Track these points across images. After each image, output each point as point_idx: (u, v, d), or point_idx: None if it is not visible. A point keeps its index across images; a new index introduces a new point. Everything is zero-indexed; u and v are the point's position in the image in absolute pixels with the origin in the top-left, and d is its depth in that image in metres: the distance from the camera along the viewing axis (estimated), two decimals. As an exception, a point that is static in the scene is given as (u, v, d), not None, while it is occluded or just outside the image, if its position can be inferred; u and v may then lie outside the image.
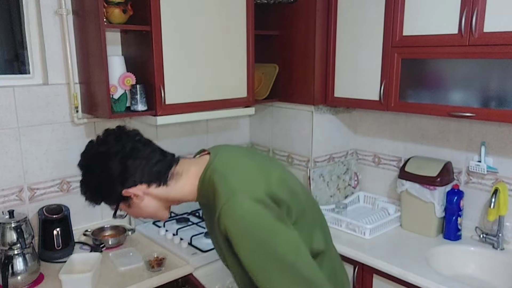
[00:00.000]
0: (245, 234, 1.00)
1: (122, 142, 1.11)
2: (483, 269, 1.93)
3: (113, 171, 1.09)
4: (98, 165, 1.11)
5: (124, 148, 1.10)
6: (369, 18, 2.03)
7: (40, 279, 1.70)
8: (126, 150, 1.10)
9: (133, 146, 1.12)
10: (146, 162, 1.12)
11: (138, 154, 1.11)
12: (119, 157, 1.09)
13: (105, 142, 1.12)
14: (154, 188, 1.13)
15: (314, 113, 2.31)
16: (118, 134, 1.14)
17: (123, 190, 1.11)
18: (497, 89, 1.68)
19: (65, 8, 1.88)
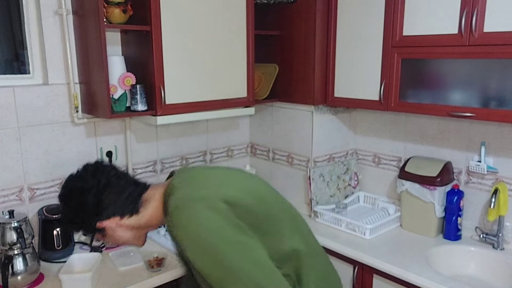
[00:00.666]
0: (193, 238, 1.01)
1: (97, 177, 1.17)
2: (483, 269, 1.93)
3: (87, 205, 1.16)
4: (74, 199, 1.18)
5: (99, 183, 1.16)
6: (369, 18, 2.03)
7: (40, 279, 1.70)
8: (100, 185, 1.16)
9: (107, 181, 1.17)
10: (119, 196, 1.18)
11: (111, 189, 1.17)
12: (93, 192, 1.15)
13: (82, 177, 1.19)
14: (127, 219, 1.19)
15: (314, 113, 2.31)
16: (94, 169, 1.20)
17: (97, 223, 1.18)
18: (497, 89, 1.68)
19: (65, 8, 1.88)
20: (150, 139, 2.27)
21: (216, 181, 1.13)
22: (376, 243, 2.02)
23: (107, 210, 1.17)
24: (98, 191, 1.16)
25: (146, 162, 2.27)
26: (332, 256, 2.08)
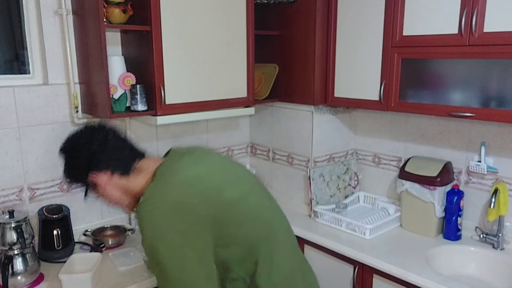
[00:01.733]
0: (144, 235, 1.13)
1: (94, 134, 1.26)
2: (483, 269, 1.93)
3: (81, 159, 1.24)
4: (70, 152, 1.27)
5: (94, 139, 1.24)
6: (369, 18, 2.03)
7: (40, 279, 1.70)
8: (95, 141, 1.24)
9: (104, 138, 1.26)
10: (113, 153, 1.26)
11: (106, 145, 1.25)
12: (88, 146, 1.24)
13: (80, 133, 1.27)
14: (117, 178, 1.26)
15: (314, 113, 2.31)
16: (93, 128, 1.29)
17: (89, 176, 1.25)
18: (497, 89, 1.68)
19: (65, 8, 1.88)
20: (150, 139, 2.27)
21: (183, 185, 1.18)
22: (376, 243, 2.02)
23: (98, 164, 1.24)
24: (93, 145, 1.23)
25: (146, 162, 2.27)
26: (332, 256, 2.08)
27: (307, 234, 2.16)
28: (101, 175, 1.25)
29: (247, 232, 1.23)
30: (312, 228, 2.20)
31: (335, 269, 2.08)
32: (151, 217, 1.12)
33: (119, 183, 1.27)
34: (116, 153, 1.26)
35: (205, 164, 1.29)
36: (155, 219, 1.12)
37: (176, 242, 1.11)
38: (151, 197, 1.15)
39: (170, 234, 1.11)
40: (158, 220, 1.12)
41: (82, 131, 1.28)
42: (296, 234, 2.20)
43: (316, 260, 2.18)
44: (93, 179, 1.25)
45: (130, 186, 1.27)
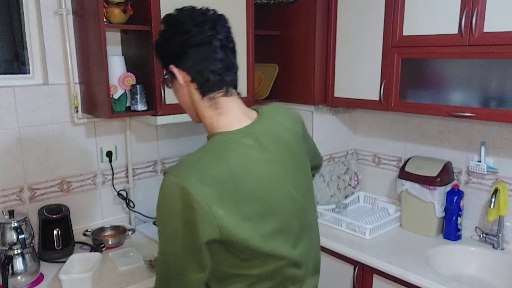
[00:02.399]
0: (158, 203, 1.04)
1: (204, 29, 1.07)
2: (483, 269, 1.93)
3: (172, 44, 1.09)
4: (169, 29, 1.10)
5: (198, 34, 1.06)
6: (369, 18, 2.03)
7: (40, 279, 1.70)
8: (197, 38, 1.06)
9: (208, 39, 1.07)
10: (204, 61, 1.08)
11: (204, 49, 1.07)
12: (185, 38, 1.07)
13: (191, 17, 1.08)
14: (194, 88, 1.11)
15: (314, 113, 2.31)
16: (211, 21, 1.09)
17: (171, 65, 1.11)
18: (497, 89, 1.68)
19: (65, 8, 1.88)
20: (150, 139, 2.27)
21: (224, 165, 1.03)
22: (376, 243, 2.02)
23: (185, 62, 1.08)
24: (190, 40, 1.06)
25: (146, 162, 2.27)
26: (332, 256, 2.08)
27: (307, 234, 2.16)
28: (181, 74, 1.10)
29: None
30: (312, 228, 2.20)
31: (335, 269, 2.08)
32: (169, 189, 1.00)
33: (194, 95, 1.12)
34: (208, 63, 1.08)
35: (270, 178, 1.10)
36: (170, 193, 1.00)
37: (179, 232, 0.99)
38: (189, 169, 1.00)
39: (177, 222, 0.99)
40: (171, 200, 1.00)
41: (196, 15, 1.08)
42: (296, 234, 2.21)
43: (316, 260, 2.18)
44: (172, 70, 1.10)
45: (200, 109, 1.13)
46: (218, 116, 1.12)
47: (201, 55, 1.07)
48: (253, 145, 1.09)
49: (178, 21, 1.09)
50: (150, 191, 2.32)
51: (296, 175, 1.18)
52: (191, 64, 1.08)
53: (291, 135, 1.19)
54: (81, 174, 2.06)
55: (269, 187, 1.09)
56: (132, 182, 2.22)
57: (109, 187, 2.16)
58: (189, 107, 1.18)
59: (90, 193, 2.11)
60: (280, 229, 1.11)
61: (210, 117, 1.13)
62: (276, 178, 1.11)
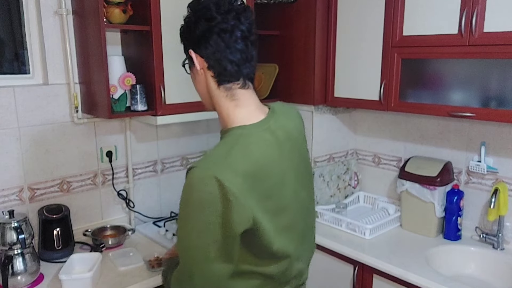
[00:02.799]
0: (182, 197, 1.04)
1: (228, 18, 1.06)
2: (483, 269, 1.93)
3: (195, 29, 1.08)
4: (194, 14, 1.10)
5: (222, 22, 1.06)
6: (369, 18, 2.03)
7: (40, 279, 1.70)
8: (220, 26, 1.06)
9: (231, 28, 1.06)
10: (224, 50, 1.07)
11: (226, 38, 1.07)
12: (209, 25, 1.06)
13: (217, 4, 1.08)
14: (210, 75, 1.11)
15: (314, 113, 2.31)
16: (236, 10, 1.08)
17: (190, 49, 1.11)
18: (497, 89, 1.68)
19: (65, 8, 1.88)
20: (150, 139, 2.27)
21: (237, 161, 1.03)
22: (376, 243, 2.02)
23: (205, 48, 1.08)
24: (214, 27, 1.06)
25: (146, 162, 2.27)
26: (332, 256, 2.08)
27: (307, 234, 2.16)
28: (199, 60, 1.10)
29: None
30: (312, 228, 2.20)
31: (335, 269, 2.08)
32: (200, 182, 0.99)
33: (210, 83, 1.12)
34: (228, 52, 1.07)
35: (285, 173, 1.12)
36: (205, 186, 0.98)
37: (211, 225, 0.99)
38: (218, 163, 1.00)
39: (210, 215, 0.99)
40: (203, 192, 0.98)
41: (223, 2, 1.08)
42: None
43: (316, 260, 2.18)
44: (191, 55, 1.11)
45: (215, 97, 1.12)
46: (234, 107, 1.12)
47: (222, 43, 1.07)
48: (271, 141, 1.10)
49: (205, 7, 1.08)
50: (150, 191, 2.32)
51: (303, 174, 1.20)
52: (211, 51, 1.08)
53: (298, 133, 1.22)
54: (81, 174, 2.06)
55: (283, 184, 1.10)
56: (132, 182, 2.22)
57: (109, 187, 2.16)
58: (205, 94, 1.17)
59: (90, 193, 2.10)
60: (289, 226, 1.14)
61: (226, 108, 1.13)
62: (288, 176, 1.13)
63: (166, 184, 2.37)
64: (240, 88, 1.13)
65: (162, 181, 2.36)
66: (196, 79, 1.16)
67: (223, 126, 1.15)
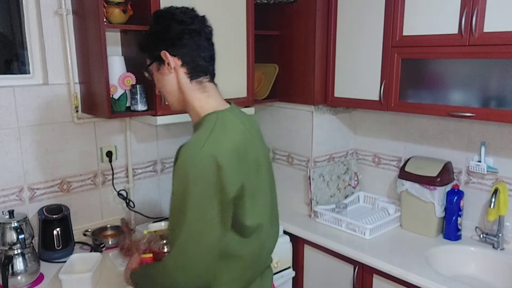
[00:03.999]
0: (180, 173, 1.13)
1: (195, 21, 1.24)
2: (483, 269, 1.93)
3: (170, 31, 1.22)
4: (165, 18, 1.24)
5: (191, 24, 1.22)
6: (369, 18, 2.03)
7: (40, 279, 1.70)
8: (191, 27, 1.22)
9: (198, 30, 1.24)
10: (195, 48, 1.23)
11: (196, 38, 1.23)
12: (182, 27, 1.21)
13: (184, 12, 1.24)
14: (183, 72, 1.24)
15: (314, 113, 2.31)
16: (199, 17, 1.26)
17: (163, 51, 1.22)
18: (497, 89, 1.68)
19: (65, 8, 1.88)
20: (150, 139, 2.27)
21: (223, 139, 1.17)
22: (376, 243, 2.02)
23: (178, 47, 1.22)
24: (185, 30, 1.21)
25: (146, 162, 2.28)
26: (332, 256, 2.08)
27: (307, 234, 2.16)
28: (174, 59, 1.23)
29: None
30: (312, 228, 2.20)
31: (335, 269, 2.08)
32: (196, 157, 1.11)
33: (182, 79, 1.25)
34: (197, 50, 1.24)
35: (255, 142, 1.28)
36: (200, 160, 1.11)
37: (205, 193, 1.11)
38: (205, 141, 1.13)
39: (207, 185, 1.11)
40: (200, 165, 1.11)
41: (185, 11, 1.25)
42: (296, 234, 2.22)
43: (316, 260, 2.18)
44: (164, 56, 1.22)
45: (187, 93, 1.26)
46: (207, 98, 1.27)
47: (194, 43, 1.23)
48: (241, 126, 1.25)
49: (173, 14, 1.24)
50: (150, 191, 2.32)
51: (268, 161, 1.34)
52: (186, 50, 1.23)
53: (257, 127, 1.37)
54: (81, 174, 2.06)
55: (258, 166, 1.25)
56: (132, 182, 2.22)
57: (109, 187, 2.16)
58: (174, 92, 1.28)
59: (90, 193, 2.11)
60: (262, 207, 1.27)
61: (199, 100, 1.26)
62: (261, 160, 1.28)
63: (166, 184, 2.37)
64: (209, 82, 1.29)
65: (162, 181, 2.36)
66: (165, 79, 1.27)
67: (197, 118, 1.27)
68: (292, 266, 2.28)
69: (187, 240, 1.12)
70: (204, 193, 1.11)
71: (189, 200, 1.11)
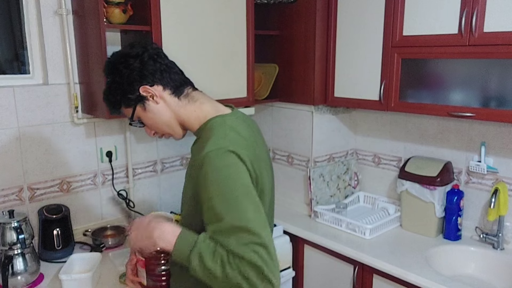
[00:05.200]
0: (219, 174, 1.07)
1: (146, 47, 1.22)
2: (483, 269, 1.93)
3: (133, 68, 1.19)
4: (120, 63, 1.20)
5: (146, 51, 1.21)
6: (369, 18, 2.03)
7: (40, 279, 1.70)
8: (148, 53, 1.20)
9: (156, 52, 1.22)
10: (165, 68, 1.22)
11: (158, 59, 1.22)
12: (140, 57, 1.19)
13: (130, 46, 1.23)
14: (168, 94, 1.22)
15: (314, 113, 2.31)
16: (144, 43, 1.24)
17: (141, 87, 1.19)
18: (497, 89, 1.68)
19: (65, 8, 1.88)
20: (150, 139, 2.27)
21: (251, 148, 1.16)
22: (376, 243, 2.02)
23: (151, 76, 1.19)
24: (145, 57, 1.19)
25: (146, 162, 2.28)
26: (332, 256, 2.08)
27: (307, 234, 2.16)
28: (154, 88, 1.20)
29: None
30: (312, 228, 2.20)
31: (335, 269, 2.08)
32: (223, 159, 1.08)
33: (171, 102, 1.22)
34: (168, 69, 1.22)
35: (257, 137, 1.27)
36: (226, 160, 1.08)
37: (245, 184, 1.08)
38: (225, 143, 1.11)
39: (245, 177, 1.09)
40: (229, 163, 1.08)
41: (130, 45, 1.23)
42: (296, 234, 2.22)
43: (316, 260, 2.18)
44: (145, 91, 1.19)
45: (181, 111, 1.23)
46: (200, 105, 1.24)
47: (160, 65, 1.21)
48: (248, 127, 1.23)
49: (124, 55, 1.21)
50: (150, 191, 2.32)
51: (270, 162, 1.33)
52: (158, 74, 1.20)
53: (258, 128, 1.35)
54: (81, 174, 2.06)
55: (266, 168, 1.23)
56: (132, 182, 2.22)
57: (109, 187, 2.16)
58: (171, 120, 1.25)
59: (90, 193, 2.11)
60: (268, 206, 1.26)
61: (193, 111, 1.24)
62: (267, 162, 1.27)
63: (166, 184, 2.37)
64: (193, 90, 1.27)
65: (162, 181, 2.36)
66: (156, 113, 1.23)
67: (197, 126, 1.24)
68: (292, 266, 2.28)
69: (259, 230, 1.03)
70: (249, 186, 1.08)
71: (240, 194, 1.05)
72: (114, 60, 1.22)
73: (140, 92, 1.20)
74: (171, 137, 1.30)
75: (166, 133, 1.28)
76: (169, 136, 1.30)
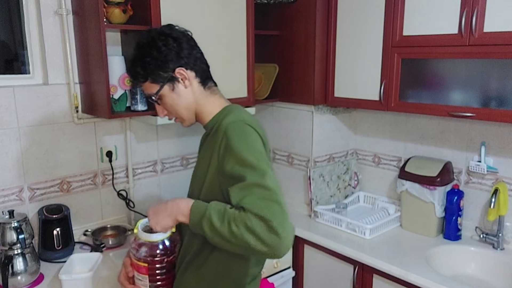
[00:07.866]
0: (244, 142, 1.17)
1: (185, 33, 1.29)
2: (483, 269, 1.93)
3: (171, 48, 1.23)
4: (161, 40, 1.24)
5: (185, 36, 1.27)
6: (369, 18, 2.03)
7: (40, 279, 1.70)
8: (187, 38, 1.27)
9: (193, 40, 1.29)
10: (200, 57, 1.30)
11: (195, 46, 1.29)
12: (179, 40, 1.25)
13: (170, 28, 1.28)
14: (197, 82, 1.29)
15: (314, 113, 2.31)
16: (183, 28, 1.30)
17: (177, 68, 1.24)
18: (497, 89, 1.68)
19: (65, 8, 1.88)
20: (150, 139, 2.27)
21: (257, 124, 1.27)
22: (376, 243, 2.02)
23: (186, 59, 1.25)
24: (183, 41, 1.25)
25: (146, 162, 2.27)
26: (332, 256, 2.08)
27: (307, 234, 2.16)
28: (187, 72, 1.26)
29: None
30: (312, 228, 2.20)
31: (335, 269, 2.08)
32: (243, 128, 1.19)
33: (196, 89, 1.28)
34: (202, 58, 1.30)
35: None
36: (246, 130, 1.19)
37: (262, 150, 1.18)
38: (244, 118, 1.23)
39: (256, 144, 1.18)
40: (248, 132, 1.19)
41: (170, 27, 1.28)
42: (296, 234, 2.22)
43: (316, 260, 2.18)
44: (180, 73, 1.25)
45: (202, 100, 1.30)
46: (219, 98, 1.34)
47: (194, 51, 1.28)
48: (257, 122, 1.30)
49: (164, 34, 1.25)
50: (150, 191, 2.32)
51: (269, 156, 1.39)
52: (194, 60, 1.27)
53: None
54: (81, 174, 2.06)
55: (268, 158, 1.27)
56: (132, 182, 2.22)
57: (109, 187, 2.16)
58: (190, 106, 1.30)
59: (90, 193, 2.11)
60: None
61: (212, 102, 1.32)
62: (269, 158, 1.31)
63: (166, 184, 2.37)
64: (214, 86, 1.36)
65: (162, 181, 2.36)
66: (181, 96, 1.28)
67: (213, 114, 1.31)
68: (292, 266, 2.28)
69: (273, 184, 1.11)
70: (265, 154, 1.19)
71: (260, 157, 1.14)
72: (154, 36, 1.25)
73: (175, 73, 1.25)
74: (179, 122, 1.35)
75: (179, 117, 1.33)
76: (179, 121, 1.35)
